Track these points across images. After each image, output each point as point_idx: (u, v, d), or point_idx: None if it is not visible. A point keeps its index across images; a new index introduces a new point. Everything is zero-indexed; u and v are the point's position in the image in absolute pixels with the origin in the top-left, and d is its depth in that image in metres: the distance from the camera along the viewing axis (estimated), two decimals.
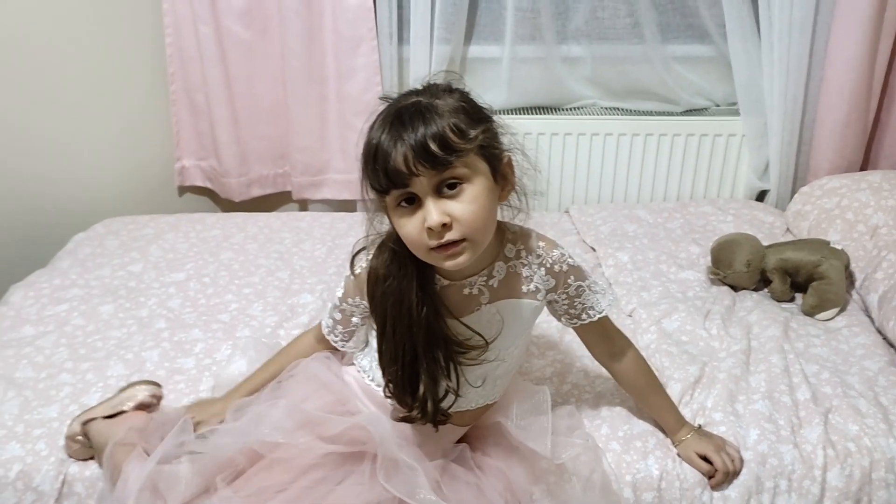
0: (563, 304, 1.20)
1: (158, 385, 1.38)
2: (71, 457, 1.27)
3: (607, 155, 2.26)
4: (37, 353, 1.52)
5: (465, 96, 1.04)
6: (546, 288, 1.17)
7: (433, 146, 0.96)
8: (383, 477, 1.09)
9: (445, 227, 0.98)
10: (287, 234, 2.04)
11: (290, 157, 2.30)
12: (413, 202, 1.00)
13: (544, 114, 2.27)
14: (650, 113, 2.27)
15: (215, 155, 2.29)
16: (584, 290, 1.20)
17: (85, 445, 1.27)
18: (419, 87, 1.05)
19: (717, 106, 2.31)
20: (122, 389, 1.36)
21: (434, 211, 0.98)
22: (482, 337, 1.12)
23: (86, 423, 1.27)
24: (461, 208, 0.99)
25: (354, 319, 1.22)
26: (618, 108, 2.30)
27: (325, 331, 1.24)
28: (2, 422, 1.33)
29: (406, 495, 1.09)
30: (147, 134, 2.29)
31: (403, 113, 0.99)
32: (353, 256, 1.16)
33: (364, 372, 1.22)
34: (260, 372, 1.30)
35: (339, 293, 1.21)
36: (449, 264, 1.02)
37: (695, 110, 2.29)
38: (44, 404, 1.37)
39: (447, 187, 0.99)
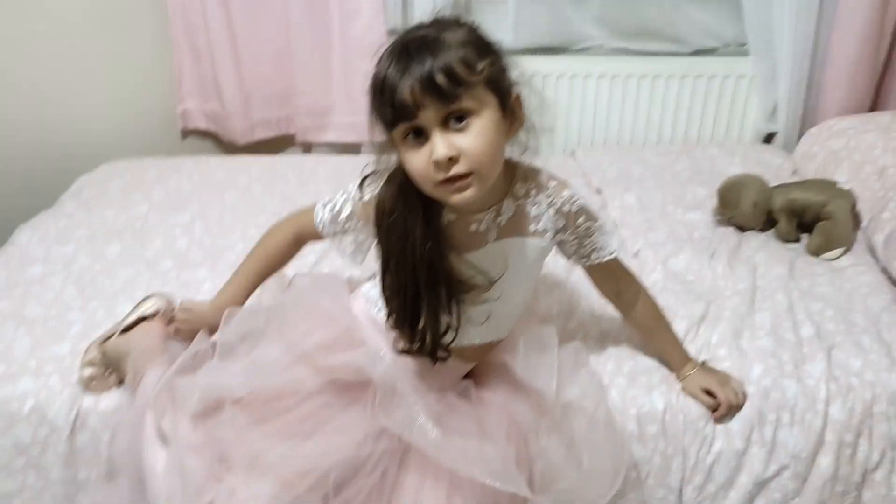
0: (573, 245, 1.20)
1: (167, 298, 1.39)
2: (87, 389, 1.29)
3: (614, 96, 2.24)
4: (45, 291, 1.53)
5: (472, 30, 1.02)
6: (555, 228, 1.17)
7: (440, 78, 0.95)
8: (381, 412, 1.11)
9: (452, 160, 0.98)
10: (291, 175, 2.03)
11: (294, 100, 2.27)
12: (420, 135, 0.99)
13: (551, 55, 2.24)
14: (658, 53, 2.24)
15: (218, 98, 2.27)
16: (594, 231, 1.19)
17: (103, 374, 1.29)
18: (426, 21, 1.03)
19: (727, 46, 2.28)
20: (135, 306, 1.37)
21: (441, 144, 0.97)
22: (485, 275, 1.12)
23: (101, 344, 1.29)
24: (468, 141, 0.98)
25: (351, 237, 1.22)
26: (625, 49, 2.26)
27: (319, 227, 1.22)
28: (13, 357, 1.35)
29: (401, 430, 1.10)
30: (149, 77, 2.27)
31: (410, 46, 0.98)
32: (363, 178, 1.15)
33: (371, 303, 1.23)
34: (243, 275, 1.30)
35: (347, 211, 1.19)
36: (455, 198, 1.01)
37: (703, 51, 2.26)
38: (55, 341, 1.39)
39: (455, 120, 0.98)
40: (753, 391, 1.30)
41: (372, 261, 1.21)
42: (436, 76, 0.95)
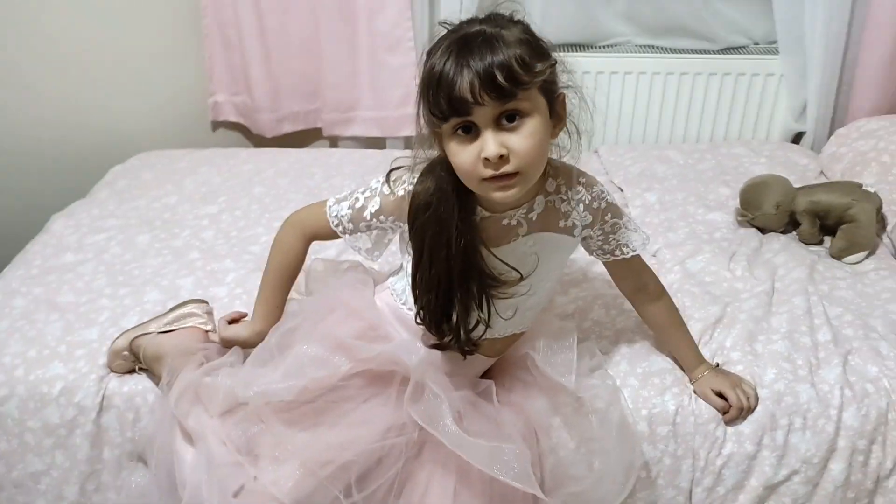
0: (598, 240, 1.22)
1: (206, 302, 1.43)
2: (112, 370, 1.34)
3: (640, 94, 2.23)
4: (77, 279, 1.58)
5: (528, 29, 1.03)
6: (583, 224, 1.18)
7: (500, 76, 0.96)
8: (409, 402, 1.13)
9: (502, 159, 1.00)
10: (317, 169, 2.06)
11: (321, 94, 2.31)
12: (469, 131, 1.01)
13: (577, 51, 2.24)
14: (686, 51, 2.23)
15: (248, 91, 2.31)
16: (620, 228, 1.21)
17: (127, 361, 1.34)
18: (480, 16, 1.03)
19: (756, 44, 2.26)
20: (173, 309, 1.41)
21: (492, 142, 0.99)
22: (517, 271, 1.14)
23: (135, 339, 1.34)
24: (519, 142, 1.00)
25: (373, 233, 1.24)
26: (653, 46, 2.25)
27: (334, 224, 1.21)
28: (45, 342, 1.40)
29: (427, 423, 1.12)
30: (181, 69, 2.31)
31: (470, 40, 0.98)
32: (391, 171, 1.17)
33: (397, 296, 1.24)
34: (268, 292, 1.29)
35: (374, 207, 1.17)
36: (499, 196, 1.03)
37: (732, 48, 2.24)
38: (85, 327, 1.44)
39: (506, 119, 1.00)
40: (766, 395, 1.30)
41: (396, 254, 1.23)
42: (496, 74, 0.96)
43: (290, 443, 1.13)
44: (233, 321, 1.34)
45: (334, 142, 2.41)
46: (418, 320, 1.17)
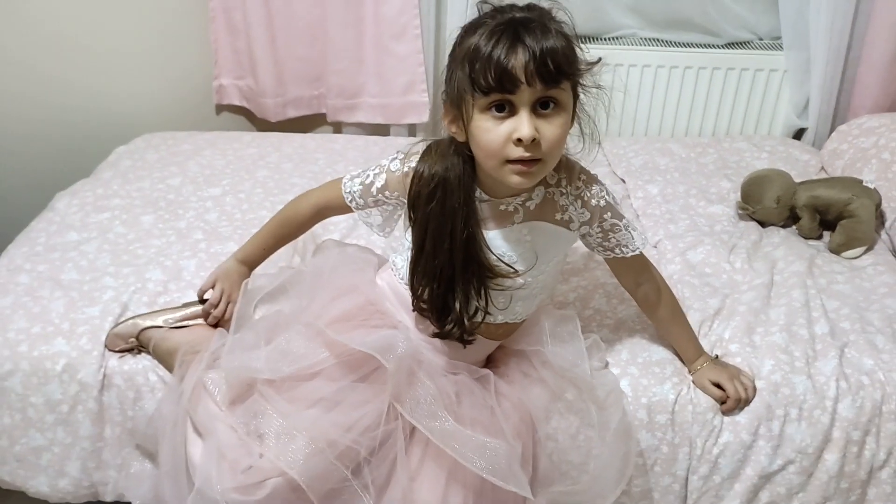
0: (597, 238, 1.23)
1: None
2: (110, 350, 1.35)
3: (644, 87, 2.23)
4: (81, 257, 1.59)
5: (568, 24, 1.06)
6: (580, 220, 1.19)
7: (551, 61, 0.99)
8: (393, 398, 1.14)
9: (534, 143, 1.02)
10: (321, 155, 2.07)
11: (326, 79, 2.31)
12: (503, 110, 1.03)
13: (583, 42, 2.24)
14: (691, 45, 2.23)
15: (252, 74, 2.31)
16: (620, 229, 1.22)
17: (130, 346, 1.35)
18: (520, 4, 1.06)
19: (761, 39, 2.26)
20: (186, 305, 1.41)
21: (529, 124, 1.01)
22: (510, 266, 1.15)
23: (144, 329, 1.35)
24: (550, 130, 1.03)
25: (380, 209, 1.26)
26: (658, 39, 2.26)
27: (348, 199, 1.26)
28: (49, 319, 1.41)
29: (413, 413, 1.13)
30: (186, 51, 2.31)
31: (524, 24, 1.01)
32: (398, 153, 1.20)
33: (396, 271, 1.26)
34: (261, 236, 1.37)
35: (380, 182, 1.22)
36: (516, 180, 1.05)
37: (737, 44, 2.24)
38: (88, 305, 1.44)
39: (540, 106, 1.02)
40: (763, 386, 1.31)
41: (398, 232, 1.25)
42: (548, 58, 0.99)
43: (296, 419, 1.14)
44: None
45: (338, 128, 2.41)
46: (414, 307, 1.19)
